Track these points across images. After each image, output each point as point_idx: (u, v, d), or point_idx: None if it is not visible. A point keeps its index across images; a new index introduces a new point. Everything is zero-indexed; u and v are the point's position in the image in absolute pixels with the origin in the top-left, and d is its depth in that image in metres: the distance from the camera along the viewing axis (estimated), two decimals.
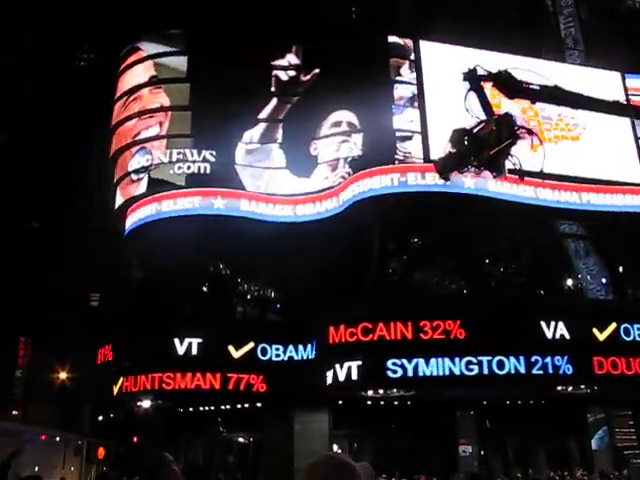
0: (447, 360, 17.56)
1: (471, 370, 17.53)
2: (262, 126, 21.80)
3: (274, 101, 21.97)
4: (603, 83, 21.92)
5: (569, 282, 22.97)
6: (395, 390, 18.75)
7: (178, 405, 21.50)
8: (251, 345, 19.44)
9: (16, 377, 36.61)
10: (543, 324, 18.09)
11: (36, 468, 22.08)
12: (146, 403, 20.75)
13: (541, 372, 17.74)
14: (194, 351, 19.53)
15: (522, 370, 17.63)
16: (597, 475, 19.33)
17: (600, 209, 21.09)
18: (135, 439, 22.81)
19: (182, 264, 21.14)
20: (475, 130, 6.57)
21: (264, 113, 21.80)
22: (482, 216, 19.44)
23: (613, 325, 18.66)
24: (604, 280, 22.54)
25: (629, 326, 18.76)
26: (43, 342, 37.49)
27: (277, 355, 19.58)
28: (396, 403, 19.97)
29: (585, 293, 22.43)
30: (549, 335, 18.06)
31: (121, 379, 20.94)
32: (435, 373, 17.60)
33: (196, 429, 22.65)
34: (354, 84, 20.23)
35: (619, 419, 23.18)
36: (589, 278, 22.62)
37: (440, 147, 20.19)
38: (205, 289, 22.71)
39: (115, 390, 21.62)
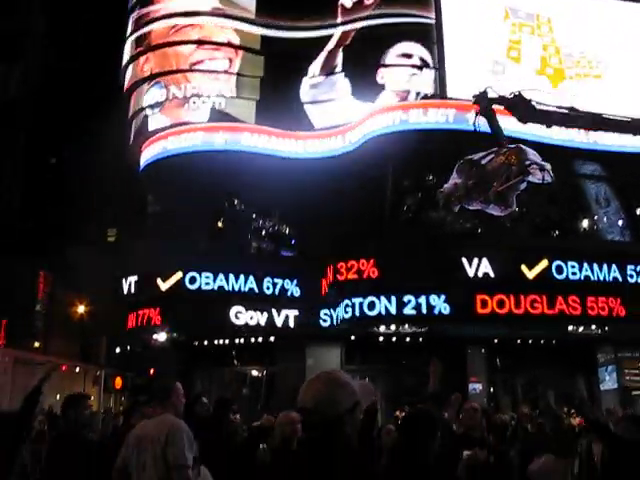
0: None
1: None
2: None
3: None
4: None
5: (585, 224, 22.80)
6: (407, 326, 18.98)
7: (193, 338, 21.92)
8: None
9: (36, 311, 37.43)
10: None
11: (57, 396, 22.67)
12: (162, 336, 21.13)
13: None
14: (204, 286, 19.88)
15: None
16: (605, 412, 19.53)
17: (612, 149, 20.81)
18: (152, 371, 23.29)
19: (196, 200, 21.26)
20: (483, 162, 6.11)
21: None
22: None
23: (544, 262, 18.39)
24: (620, 222, 22.37)
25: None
26: (62, 277, 38.15)
27: (285, 290, 20.00)
28: (408, 340, 20.23)
29: (601, 235, 22.31)
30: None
31: (137, 312, 21.36)
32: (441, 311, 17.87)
33: (211, 362, 23.10)
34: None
35: (628, 360, 23.40)
36: (605, 220, 22.45)
37: (458, 84, 20.04)
38: (220, 225, 22.83)
39: (131, 323, 22.08)
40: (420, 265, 17.94)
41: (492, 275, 18.22)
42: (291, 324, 20.00)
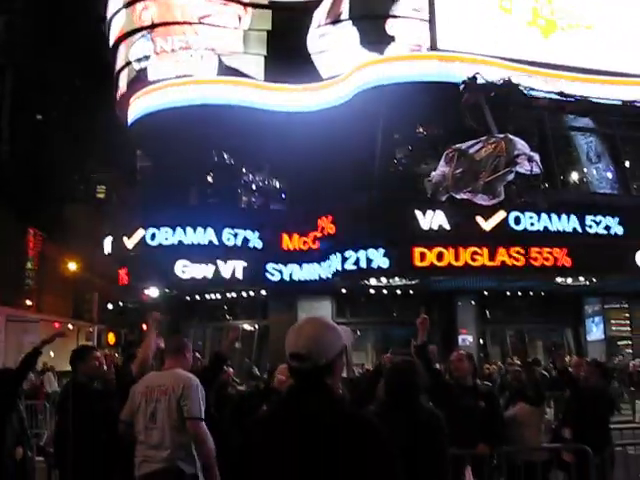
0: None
1: None
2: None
3: None
4: None
5: (574, 176, 22.84)
6: (397, 279, 19.12)
7: (185, 293, 22.03)
8: (248, 233, 19.94)
9: (27, 269, 37.46)
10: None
11: (51, 353, 22.82)
12: (154, 292, 21.22)
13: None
14: (201, 240, 19.92)
15: None
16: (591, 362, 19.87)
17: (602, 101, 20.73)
18: (144, 327, 23.40)
19: (186, 154, 21.16)
20: (471, 151, 5.90)
21: None
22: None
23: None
24: (610, 175, 22.40)
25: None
26: (53, 235, 38.12)
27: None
28: (399, 292, 20.41)
29: (590, 188, 22.34)
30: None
31: (127, 268, 21.42)
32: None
33: (203, 317, 23.28)
34: None
35: (615, 311, 23.76)
36: (595, 173, 22.48)
37: (449, 36, 19.72)
38: (210, 179, 22.75)
39: (122, 279, 22.15)
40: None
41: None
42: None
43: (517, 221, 18.49)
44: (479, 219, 18.13)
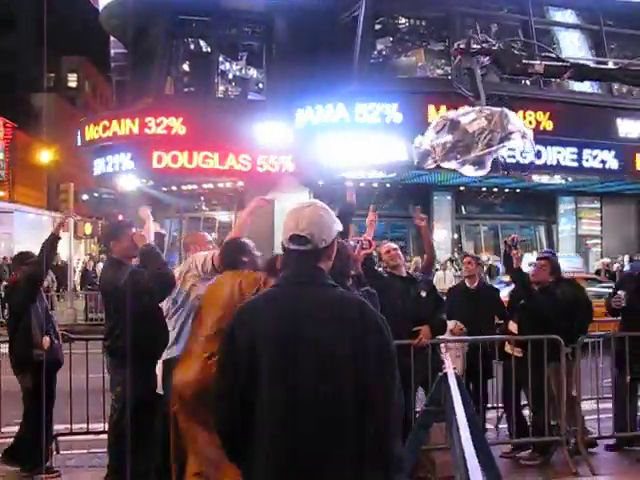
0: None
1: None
2: None
3: None
4: None
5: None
6: (375, 172, 19.11)
7: (162, 184, 21.87)
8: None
9: None
10: None
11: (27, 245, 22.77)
12: (130, 182, 21.00)
13: None
14: (180, 131, 19.53)
15: None
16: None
17: None
18: (120, 216, 23.35)
19: (161, 41, 20.51)
20: (463, 121, 5.54)
21: None
22: None
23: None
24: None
25: None
26: (24, 124, 37.23)
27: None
28: (375, 186, 20.43)
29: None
30: None
31: (105, 158, 21.11)
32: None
33: (180, 207, 23.22)
34: None
35: (587, 210, 24.17)
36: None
37: None
38: (186, 67, 22.13)
39: (97, 169, 21.88)
40: None
41: None
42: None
43: None
44: None
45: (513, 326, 6.56)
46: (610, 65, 6.76)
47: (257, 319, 2.34)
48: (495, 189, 22.26)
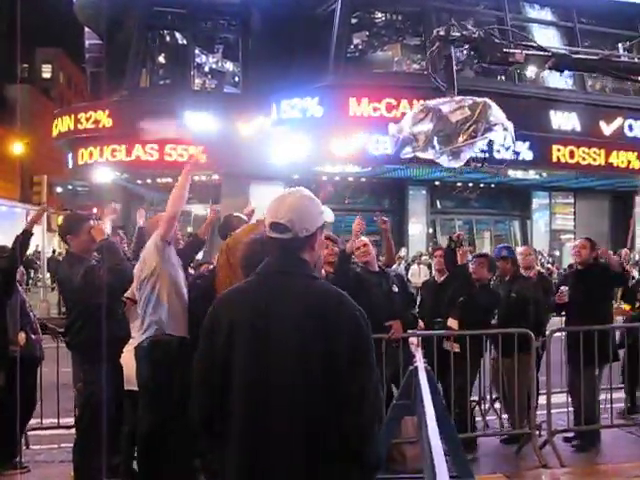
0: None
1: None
2: None
3: None
4: None
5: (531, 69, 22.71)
6: (351, 166, 19.15)
7: (136, 177, 21.71)
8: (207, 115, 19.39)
9: None
10: None
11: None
12: (105, 175, 20.82)
13: None
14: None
15: None
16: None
17: None
18: (95, 210, 23.11)
19: (137, 33, 20.33)
20: (445, 110, 5.38)
21: None
22: None
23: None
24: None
25: None
26: None
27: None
28: (350, 180, 20.48)
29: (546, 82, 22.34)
30: None
31: (80, 151, 20.90)
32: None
33: (154, 201, 23.02)
34: None
35: (561, 206, 24.44)
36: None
37: None
38: (162, 60, 21.97)
39: (72, 161, 21.66)
40: None
41: None
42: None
43: None
44: None
45: (453, 322, 6.41)
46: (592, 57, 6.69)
47: (234, 309, 2.27)
48: (470, 184, 22.41)
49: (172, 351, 4.44)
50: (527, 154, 19.17)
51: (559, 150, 19.73)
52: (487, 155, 6.36)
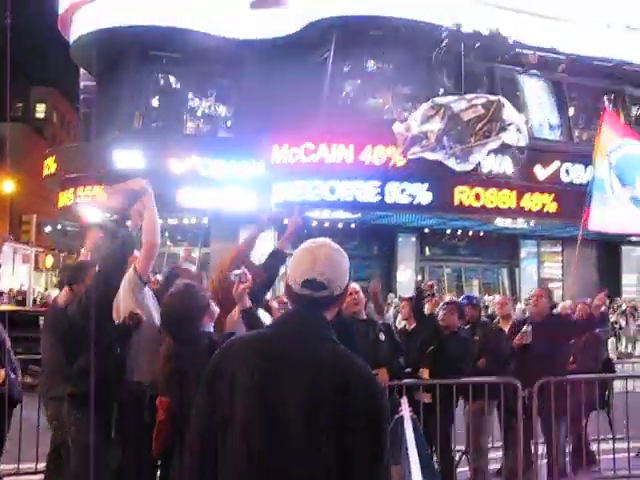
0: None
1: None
2: None
3: None
4: None
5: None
6: (341, 212, 19.25)
7: (126, 218, 21.64)
8: (195, 159, 19.50)
9: None
10: None
11: None
12: (94, 215, 20.77)
13: None
14: (136, 164, 19.35)
15: None
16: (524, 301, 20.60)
17: None
18: (83, 250, 23.01)
19: (131, 76, 20.56)
20: (456, 109, 5.28)
21: None
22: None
23: None
24: (554, 121, 22.68)
25: None
26: None
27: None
28: (340, 226, 20.54)
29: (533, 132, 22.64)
30: None
31: (69, 190, 20.94)
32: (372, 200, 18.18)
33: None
34: None
35: (549, 254, 24.57)
36: (539, 118, 22.72)
37: None
38: (155, 103, 22.17)
39: (61, 201, 21.66)
40: None
41: None
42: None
43: None
44: None
45: (425, 372, 6.34)
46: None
47: (237, 364, 2.00)
48: (459, 232, 22.51)
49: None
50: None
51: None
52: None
